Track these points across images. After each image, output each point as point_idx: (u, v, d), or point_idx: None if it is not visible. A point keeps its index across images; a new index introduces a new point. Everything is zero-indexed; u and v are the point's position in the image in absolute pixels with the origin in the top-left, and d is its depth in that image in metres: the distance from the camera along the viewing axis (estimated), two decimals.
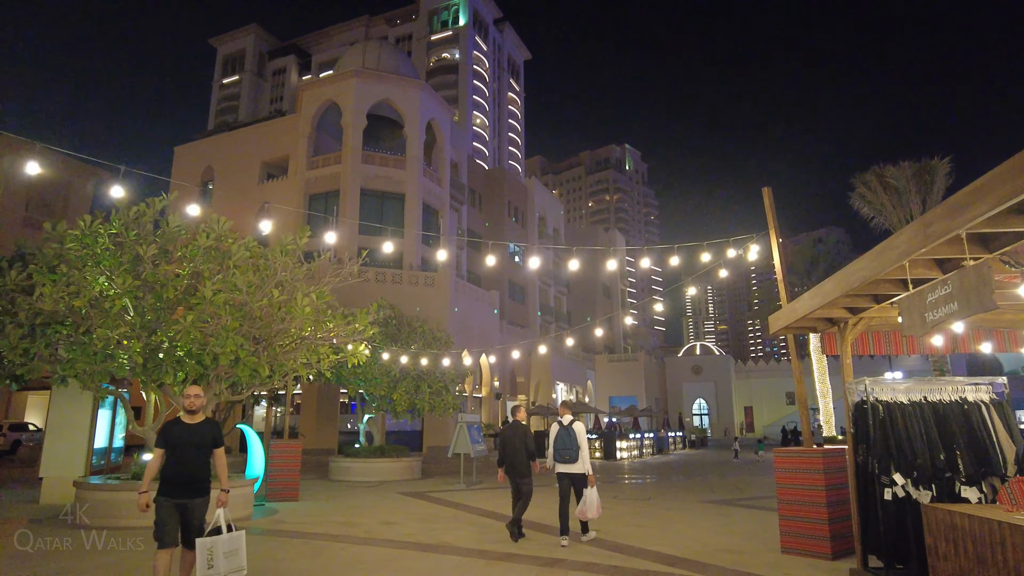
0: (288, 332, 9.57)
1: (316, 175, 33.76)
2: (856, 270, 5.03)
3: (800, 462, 7.45)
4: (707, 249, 8.46)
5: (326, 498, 13.38)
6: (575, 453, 7.93)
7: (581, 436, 8.01)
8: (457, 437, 15.82)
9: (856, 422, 6.22)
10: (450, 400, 17.62)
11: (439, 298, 29.07)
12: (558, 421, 8.30)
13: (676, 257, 8.70)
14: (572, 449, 7.92)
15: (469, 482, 16.10)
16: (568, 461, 7.97)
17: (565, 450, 7.97)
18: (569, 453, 7.93)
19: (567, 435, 8.01)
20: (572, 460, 7.94)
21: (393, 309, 19.22)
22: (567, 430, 8.06)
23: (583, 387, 51.82)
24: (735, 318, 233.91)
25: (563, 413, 8.38)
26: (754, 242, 8.19)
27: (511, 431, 8.72)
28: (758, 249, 8.27)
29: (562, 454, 8.01)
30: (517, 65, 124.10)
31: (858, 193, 18.68)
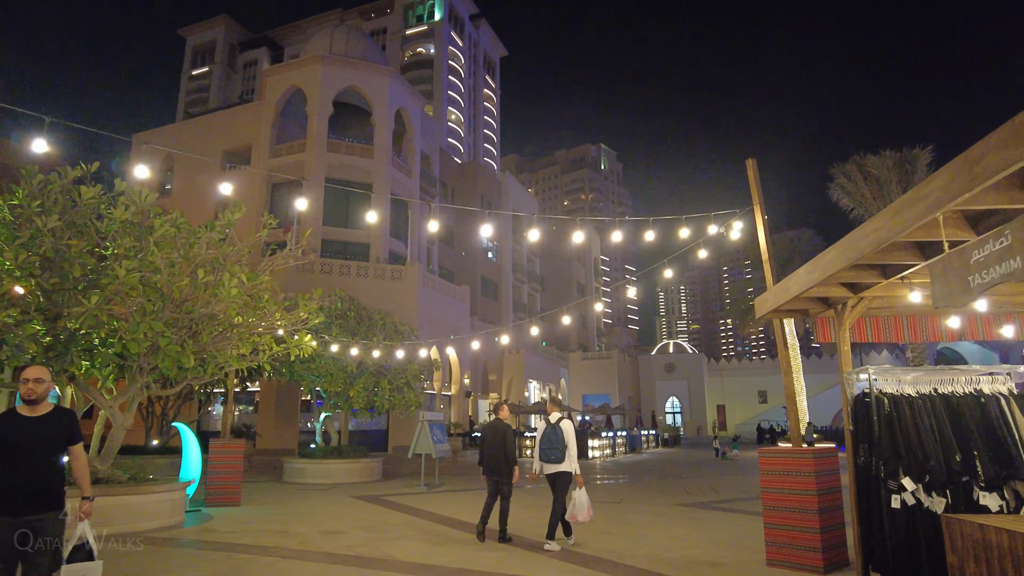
0: (216, 318, 8.47)
1: (279, 163, 32.36)
2: (868, 233, 4.18)
3: (788, 463, 6.62)
4: (686, 224, 7.60)
5: (272, 502, 12.27)
6: (561, 452, 7.49)
7: (569, 434, 7.57)
8: (418, 436, 14.80)
9: (856, 418, 5.40)
10: (412, 397, 16.56)
11: (407, 292, 27.97)
12: (545, 419, 7.86)
13: (651, 232, 7.83)
14: (558, 448, 7.50)
15: (431, 485, 15.10)
16: (554, 461, 7.53)
17: (551, 449, 7.56)
18: (555, 452, 7.51)
19: (553, 433, 7.60)
20: (558, 460, 7.50)
21: (353, 301, 18.11)
22: (554, 428, 7.65)
23: (556, 385, 51.08)
24: (707, 317, 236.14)
25: (550, 410, 7.95)
26: (737, 219, 7.35)
27: (491, 429, 8.32)
28: (741, 227, 7.43)
29: (547, 453, 7.59)
30: (493, 62, 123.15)
31: (838, 184, 18.13)
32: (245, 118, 35.53)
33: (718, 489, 14.65)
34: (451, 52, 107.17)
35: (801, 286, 5.27)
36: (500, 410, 8.70)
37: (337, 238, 31.03)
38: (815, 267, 5.08)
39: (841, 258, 4.51)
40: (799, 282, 5.25)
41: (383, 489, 14.83)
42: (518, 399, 40.08)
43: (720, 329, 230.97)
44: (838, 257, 4.57)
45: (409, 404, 16.49)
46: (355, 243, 31.26)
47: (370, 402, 16.10)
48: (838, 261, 4.57)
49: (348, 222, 31.60)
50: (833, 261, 4.64)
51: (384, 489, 14.83)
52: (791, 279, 5.54)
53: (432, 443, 14.63)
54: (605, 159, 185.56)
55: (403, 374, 16.50)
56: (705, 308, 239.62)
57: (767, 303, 6.04)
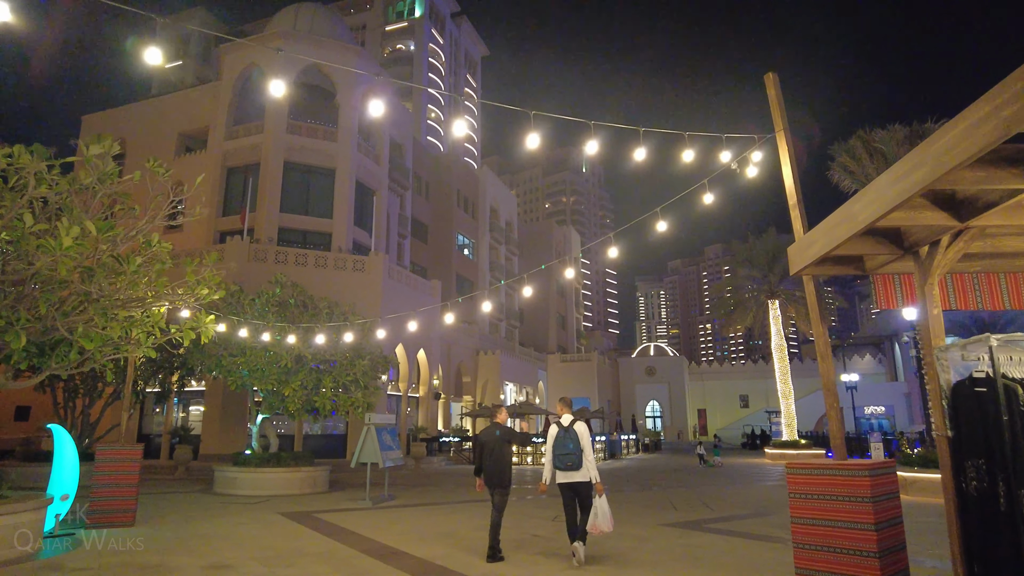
0: (45, 281, 6.31)
1: (235, 146, 30.03)
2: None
3: (833, 484, 4.66)
4: (690, 144, 5.62)
5: (174, 522, 10.08)
6: (578, 458, 6.78)
7: (584, 438, 6.89)
8: (363, 443, 12.70)
9: (957, 417, 3.48)
10: (359, 398, 14.40)
11: (370, 285, 25.80)
12: (556, 422, 7.08)
13: (642, 150, 5.84)
14: (574, 454, 6.79)
15: (377, 499, 12.98)
16: (570, 468, 6.80)
17: (566, 455, 6.82)
18: (571, 459, 6.79)
19: (568, 438, 6.88)
20: (575, 467, 6.78)
21: (296, 288, 15.92)
22: (567, 432, 6.92)
23: (534, 388, 49.10)
24: (687, 322, 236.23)
25: (561, 412, 7.20)
26: (757, 147, 5.42)
27: (488, 434, 7.55)
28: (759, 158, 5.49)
29: (563, 460, 6.83)
30: (474, 60, 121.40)
31: (840, 163, 16.38)
32: (203, 99, 33.15)
33: (710, 504, 12.73)
34: (431, 49, 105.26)
35: (873, 212, 3.33)
36: (498, 413, 7.85)
37: (296, 226, 28.76)
38: (899, 178, 3.15)
39: (946, 160, 2.56)
40: (877, 200, 3.30)
41: (321, 503, 12.69)
42: (493, 402, 38.00)
43: (700, 333, 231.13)
44: (946, 157, 2.60)
45: (358, 405, 14.34)
46: (316, 232, 29.02)
47: (309, 403, 13.94)
48: (947, 160, 2.61)
49: (309, 209, 29.36)
50: (937, 166, 2.68)
51: (322, 503, 12.69)
52: (853, 205, 3.59)
53: (379, 450, 12.53)
54: (587, 162, 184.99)
55: (350, 370, 14.35)
56: (685, 312, 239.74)
57: (812, 247, 4.10)
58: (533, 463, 25.30)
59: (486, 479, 7.37)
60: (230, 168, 30.01)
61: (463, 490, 15.61)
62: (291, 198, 29.17)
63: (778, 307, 30.94)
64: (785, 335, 31.07)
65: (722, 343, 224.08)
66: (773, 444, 30.25)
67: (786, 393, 30.19)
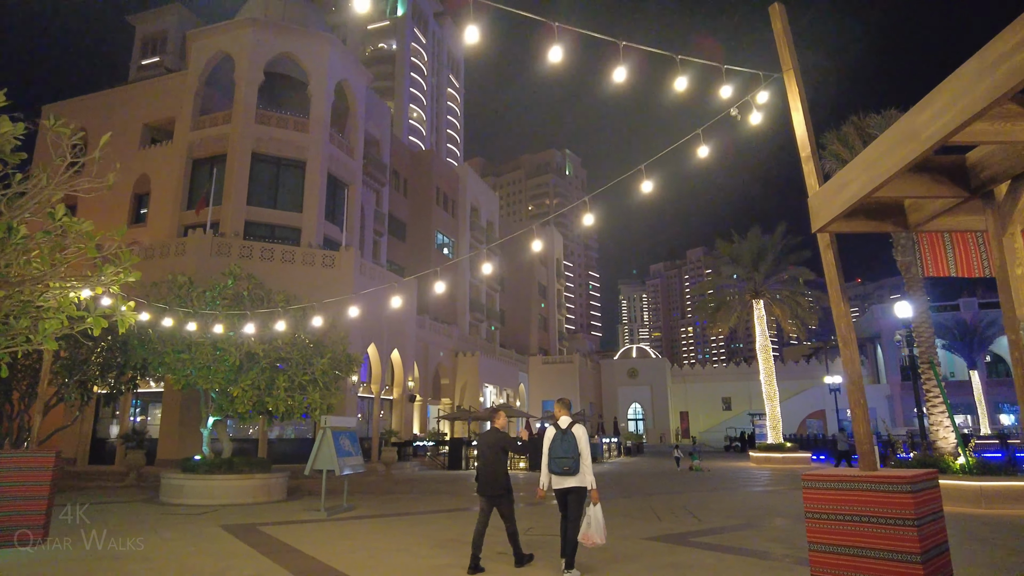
0: None
1: (201, 136, 28.63)
2: None
3: (863, 501, 3.66)
4: (683, 71, 4.58)
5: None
6: (575, 463, 6.46)
7: (582, 442, 6.58)
8: (318, 448, 11.54)
9: None
10: (317, 398, 13.21)
11: (340, 281, 24.58)
12: (554, 425, 6.77)
13: (621, 69, 4.82)
14: (571, 458, 6.47)
15: (335, 509, 11.84)
16: (566, 473, 6.47)
17: (562, 459, 6.50)
18: (567, 463, 6.47)
19: (564, 441, 6.57)
20: (571, 472, 6.46)
21: (252, 280, 14.71)
22: (564, 434, 6.60)
23: (515, 390, 48.05)
24: (669, 325, 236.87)
25: (559, 414, 6.87)
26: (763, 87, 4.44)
27: (484, 438, 7.24)
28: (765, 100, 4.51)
29: (559, 464, 6.51)
30: (457, 61, 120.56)
31: (831, 151, 15.56)
32: (169, 89, 31.67)
33: (697, 513, 11.75)
34: (414, 49, 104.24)
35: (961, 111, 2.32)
36: (496, 418, 7.47)
37: (264, 220, 27.44)
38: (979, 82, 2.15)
39: None
40: (959, 100, 2.29)
41: (272, 514, 11.52)
42: (473, 405, 36.90)
43: (681, 336, 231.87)
44: None
45: (313, 407, 13.17)
46: (285, 226, 27.73)
47: (261, 404, 12.75)
48: None
49: (278, 202, 28.06)
50: None
51: (273, 514, 11.51)
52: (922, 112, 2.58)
53: (336, 456, 11.39)
54: (570, 165, 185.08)
55: (307, 369, 13.18)
56: (667, 316, 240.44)
57: (845, 190, 3.10)
58: (509, 467, 24.21)
59: (478, 485, 6.97)
60: (196, 160, 28.60)
61: (433, 498, 14.51)
62: (259, 191, 27.86)
63: (763, 307, 30.23)
64: (769, 336, 30.37)
65: (703, 346, 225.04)
66: (758, 447, 29.49)
67: (771, 395, 29.46)
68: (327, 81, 29.58)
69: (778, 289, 30.44)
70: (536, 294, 61.69)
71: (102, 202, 31.05)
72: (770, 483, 18.49)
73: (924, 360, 13.95)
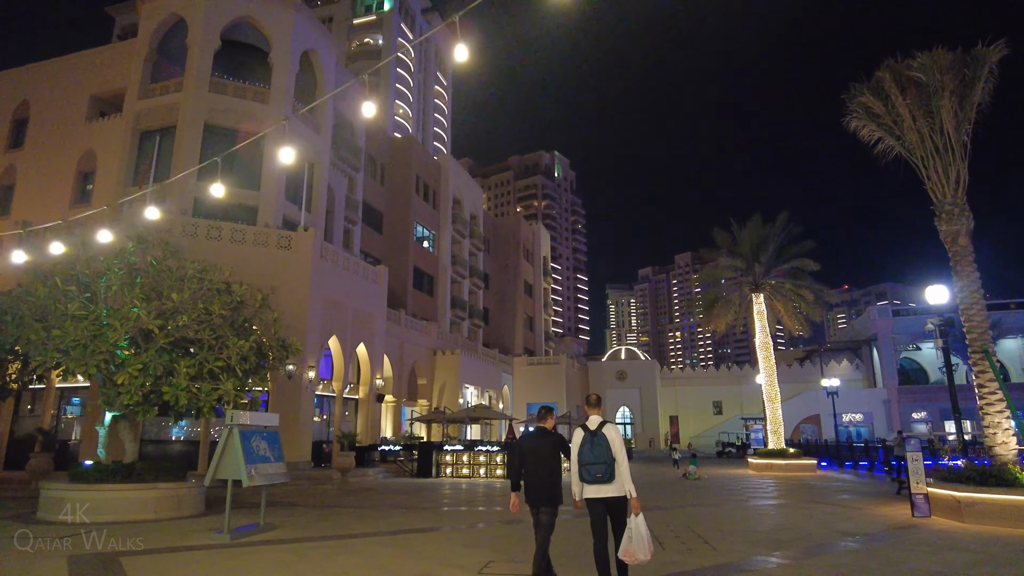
0: None
1: (150, 106, 25.95)
2: None
3: None
4: None
5: None
6: (609, 468, 5.47)
7: (616, 444, 5.59)
8: (222, 453, 8.94)
9: None
10: (230, 390, 10.55)
11: (297, 266, 21.95)
12: (582, 426, 5.77)
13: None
14: (605, 463, 5.49)
15: (246, 529, 9.23)
16: (601, 480, 5.48)
17: (594, 465, 5.52)
18: (600, 469, 5.48)
19: (595, 445, 5.58)
20: (607, 479, 5.46)
21: (167, 249, 12.06)
22: (595, 436, 5.62)
23: (498, 392, 45.45)
24: (657, 330, 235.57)
25: (590, 413, 5.89)
26: None
27: (534, 441, 5.99)
28: None
29: (591, 471, 5.52)
30: (445, 59, 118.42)
31: (860, 104, 13.21)
32: (118, 58, 28.93)
33: (708, 536, 9.26)
34: (400, 44, 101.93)
35: None
36: (546, 418, 6.25)
37: (216, 198, 24.72)
38: None
39: None
40: None
41: (160, 537, 8.90)
42: (452, 406, 34.26)
43: (669, 341, 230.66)
44: None
45: (226, 400, 10.55)
46: (240, 205, 25.05)
47: (157, 395, 10.13)
48: None
49: (233, 179, 25.36)
50: None
51: (161, 537, 8.89)
52: None
53: (243, 463, 8.79)
54: (559, 166, 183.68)
55: (220, 353, 10.56)
56: (655, 321, 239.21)
57: None
58: (486, 475, 21.63)
59: (530, 495, 5.89)
60: (144, 132, 25.90)
61: (384, 515, 11.92)
62: (211, 166, 25.15)
63: (763, 301, 27.94)
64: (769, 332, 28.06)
65: (691, 351, 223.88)
66: (757, 453, 27.13)
67: (772, 396, 27.14)
68: (291, 49, 27.00)
69: (780, 282, 28.12)
70: (522, 292, 59.21)
71: (44, 180, 28.26)
72: (779, 494, 16.08)
73: (976, 349, 11.57)
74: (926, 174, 12.44)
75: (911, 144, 12.49)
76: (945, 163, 12.07)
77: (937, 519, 10.59)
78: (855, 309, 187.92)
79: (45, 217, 24.30)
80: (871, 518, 11.07)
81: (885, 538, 8.98)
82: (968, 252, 11.93)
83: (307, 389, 21.14)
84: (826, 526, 10.15)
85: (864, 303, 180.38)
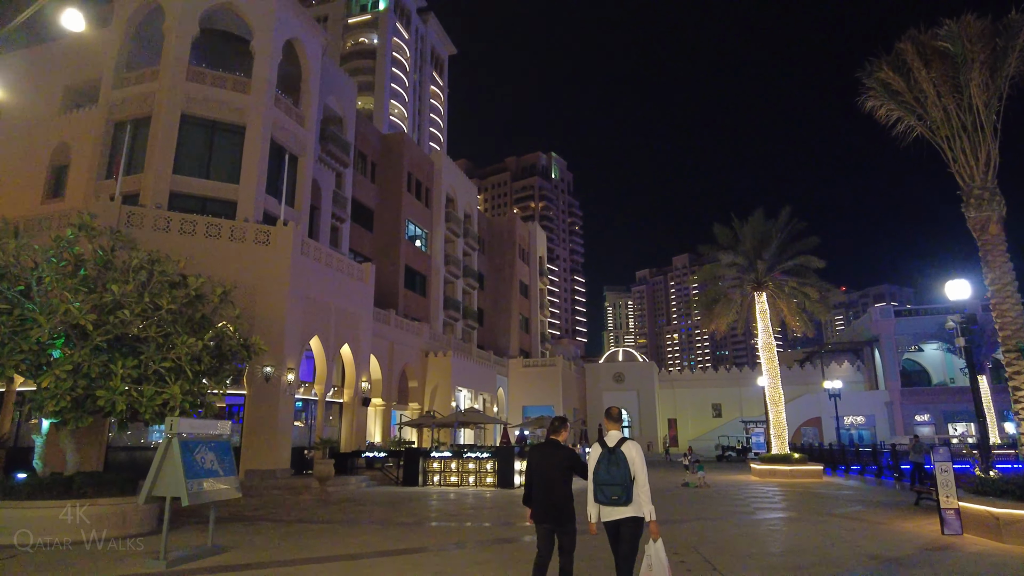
0: None
1: (125, 95, 24.79)
2: None
3: None
4: None
5: None
6: (627, 491, 5.06)
7: (637, 464, 5.17)
8: (159, 467, 7.77)
9: None
10: (177, 393, 9.38)
11: (276, 262, 20.78)
12: (600, 441, 5.34)
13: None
14: (621, 485, 5.06)
15: (188, 554, 8.06)
16: (617, 503, 5.06)
17: (611, 486, 5.10)
18: (618, 491, 5.05)
19: (612, 464, 5.14)
20: (623, 501, 5.05)
21: (117, 237, 10.88)
22: (612, 455, 5.18)
23: (492, 395, 44.28)
24: (654, 332, 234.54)
25: (608, 428, 5.46)
26: None
27: (543, 455, 5.66)
28: None
29: (607, 493, 5.10)
30: (441, 59, 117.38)
31: (878, 79, 12.10)
32: (94, 48, 27.77)
33: (716, 560, 8.11)
34: (395, 44, 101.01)
35: None
36: (560, 430, 5.74)
37: (194, 191, 23.59)
38: None
39: None
40: None
41: (90, 562, 7.72)
42: (444, 410, 33.08)
43: (667, 343, 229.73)
44: None
45: (171, 406, 9.37)
46: (218, 199, 23.89)
47: (91, 400, 8.97)
48: None
49: (211, 172, 24.24)
50: None
51: (91, 563, 7.72)
52: None
53: (183, 478, 7.62)
54: (556, 168, 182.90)
55: (167, 352, 9.40)
56: (652, 323, 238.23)
57: None
58: (476, 483, 20.46)
59: (536, 512, 5.59)
60: (118, 122, 24.72)
61: (360, 532, 10.76)
62: (189, 158, 24.04)
63: (765, 300, 26.83)
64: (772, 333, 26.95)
65: (689, 353, 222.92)
66: (760, 459, 25.98)
67: (775, 399, 26.03)
68: (273, 37, 25.86)
69: (784, 279, 27.01)
70: (518, 293, 58.04)
71: (16, 175, 27.06)
72: (788, 505, 14.95)
73: (1011, 347, 10.46)
74: (952, 156, 11.35)
75: (935, 123, 11.39)
76: (974, 143, 10.98)
77: (971, 538, 9.47)
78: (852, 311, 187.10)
79: (17, 213, 23.15)
80: (896, 536, 9.94)
81: (920, 564, 7.85)
82: (1000, 241, 10.83)
83: (286, 392, 19.96)
84: (849, 547, 9.02)
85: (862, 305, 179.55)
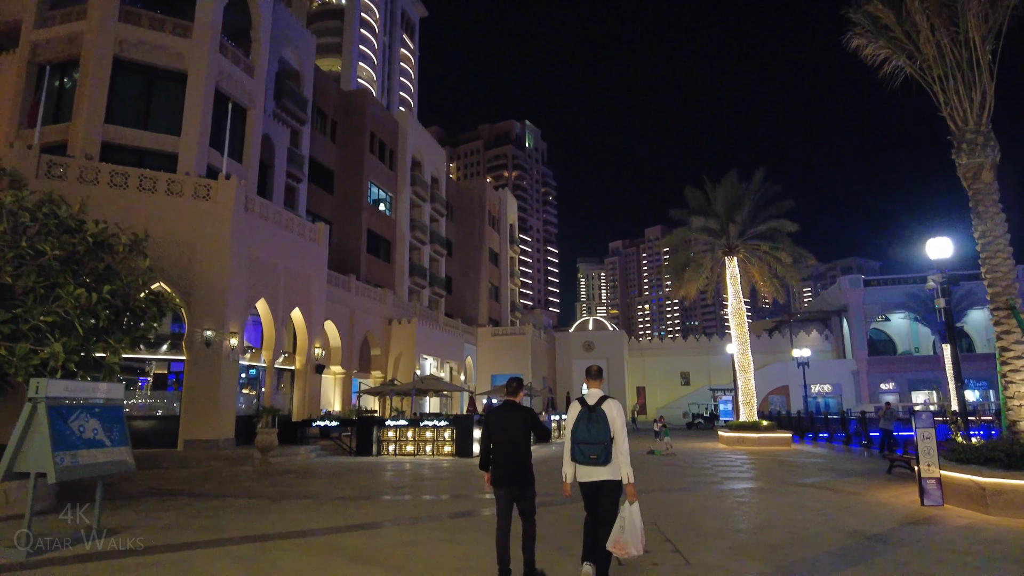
0: None
1: (49, 36, 22.59)
2: None
3: None
4: None
5: None
6: (606, 450, 4.88)
7: (617, 423, 4.97)
8: (20, 436, 6.50)
9: None
10: (59, 351, 8.06)
11: (217, 218, 19.18)
12: (580, 399, 5.16)
13: None
14: (601, 443, 4.89)
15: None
16: (595, 462, 4.91)
17: (589, 444, 4.93)
18: (595, 449, 4.89)
19: (592, 421, 4.95)
20: (601, 461, 4.89)
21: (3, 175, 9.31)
22: (593, 412, 4.99)
23: (460, 363, 43.30)
24: (626, 303, 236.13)
25: (589, 386, 5.30)
26: None
27: (501, 416, 5.39)
28: None
29: (584, 450, 4.95)
30: (412, 21, 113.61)
31: (865, 12, 11.02)
32: None
33: (676, 539, 7.17)
34: (364, 4, 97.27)
35: None
36: (517, 391, 5.59)
37: (129, 142, 21.72)
38: None
39: None
40: None
41: None
42: (407, 379, 31.97)
43: (638, 314, 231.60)
44: None
45: (53, 365, 8.04)
46: (157, 152, 22.06)
47: None
48: None
49: (149, 123, 22.35)
50: None
51: None
52: None
53: (51, 451, 6.36)
54: (530, 137, 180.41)
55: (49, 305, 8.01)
56: (624, 294, 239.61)
57: None
58: (433, 453, 19.49)
59: (494, 474, 5.27)
60: (41, 65, 22.56)
61: (286, 507, 9.63)
62: (124, 107, 22.08)
63: (736, 265, 26.10)
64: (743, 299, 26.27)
65: (660, 323, 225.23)
66: (729, 426, 25.51)
67: (744, 365, 25.46)
68: None
69: (756, 244, 26.25)
70: (487, 261, 56.80)
71: None
72: (757, 474, 14.24)
73: (1001, 305, 9.63)
74: (944, 99, 10.38)
75: (927, 60, 10.37)
76: (968, 82, 10.00)
77: (954, 509, 8.73)
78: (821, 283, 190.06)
79: None
80: (874, 509, 9.17)
81: (905, 541, 7.02)
82: (993, 190, 9.94)
83: (228, 358, 18.59)
84: (824, 521, 8.19)
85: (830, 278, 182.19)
